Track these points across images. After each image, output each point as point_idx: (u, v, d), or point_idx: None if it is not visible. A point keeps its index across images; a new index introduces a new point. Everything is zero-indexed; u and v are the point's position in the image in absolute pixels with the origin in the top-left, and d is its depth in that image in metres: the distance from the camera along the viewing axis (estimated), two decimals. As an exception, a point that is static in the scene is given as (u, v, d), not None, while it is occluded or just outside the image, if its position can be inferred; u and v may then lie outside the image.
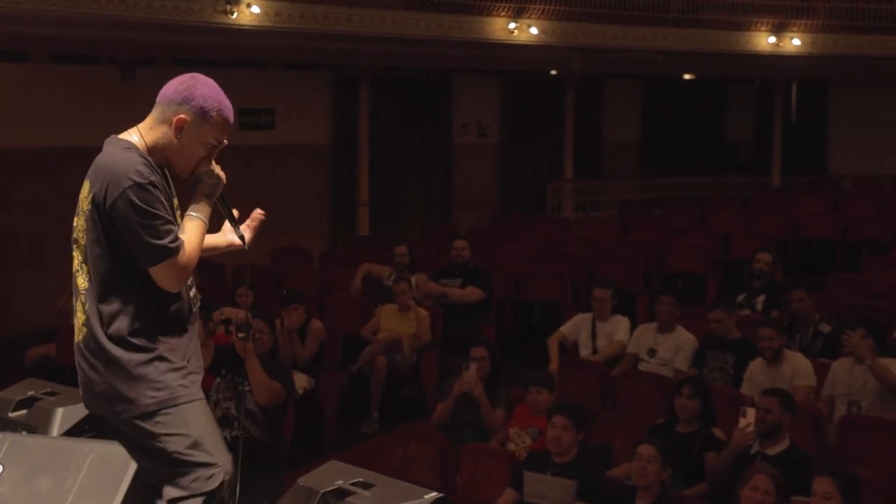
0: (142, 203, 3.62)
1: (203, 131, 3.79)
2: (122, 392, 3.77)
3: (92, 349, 3.80)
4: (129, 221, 3.63)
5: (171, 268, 3.68)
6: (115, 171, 3.66)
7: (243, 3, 12.93)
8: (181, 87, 3.81)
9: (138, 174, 3.64)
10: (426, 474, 7.75)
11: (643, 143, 22.64)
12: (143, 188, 3.63)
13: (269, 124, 17.11)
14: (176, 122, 3.77)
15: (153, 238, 3.63)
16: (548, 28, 16.29)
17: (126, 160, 3.69)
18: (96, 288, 3.76)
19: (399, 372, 11.12)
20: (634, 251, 14.48)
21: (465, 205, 19.34)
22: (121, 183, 3.62)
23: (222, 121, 3.81)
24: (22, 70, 14.41)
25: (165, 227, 3.65)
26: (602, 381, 9.30)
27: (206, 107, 3.78)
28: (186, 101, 3.78)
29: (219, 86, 3.86)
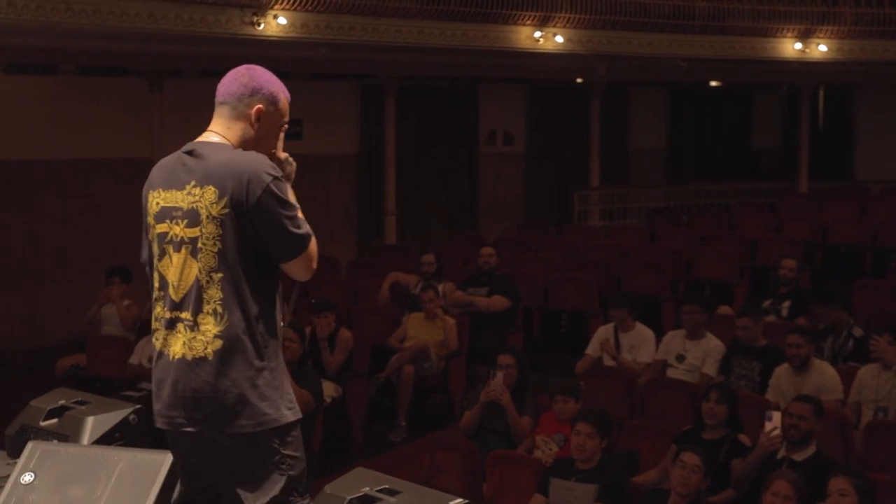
0: (283, 195, 3.65)
1: (276, 116, 3.84)
2: (254, 404, 3.69)
3: (224, 360, 3.68)
4: (273, 214, 3.63)
5: (309, 256, 3.73)
6: (251, 169, 3.65)
7: (270, 15, 12.99)
8: (244, 79, 3.84)
9: (273, 168, 3.69)
10: (453, 482, 7.77)
11: (669, 151, 22.61)
12: (280, 181, 3.67)
13: (297, 134, 17.14)
14: (255, 113, 3.80)
15: (296, 228, 3.66)
16: (573, 36, 16.30)
17: (255, 157, 3.70)
18: (234, 297, 3.67)
19: (426, 380, 11.15)
20: (661, 258, 14.46)
21: (492, 213, 19.36)
22: (262, 179, 3.62)
23: (286, 104, 3.89)
24: (50, 83, 14.53)
25: (299, 218, 3.69)
26: (629, 388, 9.32)
27: (274, 91, 3.84)
28: (257, 92, 3.81)
29: None
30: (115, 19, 11.68)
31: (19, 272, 13.78)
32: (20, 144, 14.07)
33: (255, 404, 3.68)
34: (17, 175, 14.11)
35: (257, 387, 3.69)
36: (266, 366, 3.71)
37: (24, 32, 11.86)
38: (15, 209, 14.02)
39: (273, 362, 3.74)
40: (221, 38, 12.97)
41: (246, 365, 3.68)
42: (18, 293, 13.85)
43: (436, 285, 11.74)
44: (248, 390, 3.68)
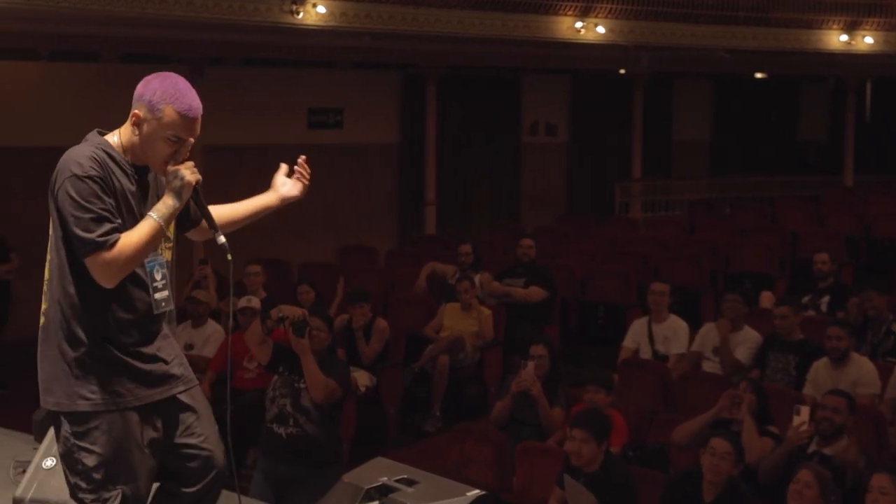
0: (76, 195, 3.64)
1: (155, 126, 3.76)
2: (60, 385, 3.80)
3: (45, 337, 3.85)
4: (63, 212, 3.67)
5: (99, 262, 3.66)
6: (62, 163, 3.71)
7: (309, 3, 13.00)
8: (141, 84, 3.82)
9: (79, 166, 3.66)
10: (483, 472, 7.76)
11: (713, 143, 22.46)
12: (81, 180, 3.65)
13: (338, 124, 17.21)
14: (131, 118, 3.80)
15: (81, 230, 3.64)
16: (615, 27, 16.21)
17: (74, 153, 3.73)
18: (55, 279, 3.81)
19: (462, 370, 11.14)
20: (700, 251, 14.37)
21: (533, 204, 19.31)
22: (62, 174, 3.68)
23: (175, 115, 3.74)
24: (92, 70, 14.62)
25: (97, 221, 3.64)
26: (662, 381, 9.26)
27: (153, 101, 3.75)
28: (140, 98, 3.78)
29: (187, 83, 3.83)
30: (154, 7, 11.73)
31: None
32: (62, 131, 14.05)
33: (58, 385, 3.80)
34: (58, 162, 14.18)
35: (63, 369, 3.78)
36: (76, 351, 3.77)
37: (65, 20, 11.95)
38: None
39: (88, 349, 3.77)
40: (261, 26, 13.00)
41: (56, 346, 3.79)
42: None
43: (472, 276, 11.72)
44: (56, 370, 3.80)
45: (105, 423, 3.78)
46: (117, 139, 3.83)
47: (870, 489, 6.13)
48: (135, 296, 3.82)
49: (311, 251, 15.15)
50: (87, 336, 3.77)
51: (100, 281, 3.70)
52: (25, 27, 12.29)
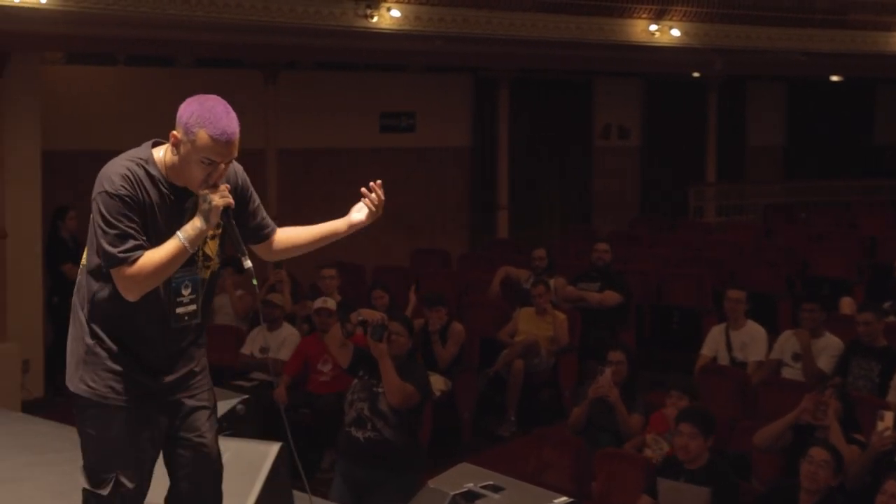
0: (105, 210, 3.76)
1: (189, 148, 3.83)
2: (72, 368, 3.97)
3: (72, 321, 4.00)
4: (93, 224, 3.81)
5: (122, 276, 3.78)
6: (100, 176, 3.84)
7: (383, 7, 12.99)
8: (182, 105, 3.91)
9: (111, 183, 3.79)
10: (561, 478, 7.71)
11: (788, 146, 22.20)
12: (111, 197, 3.76)
13: (410, 127, 17.21)
14: (171, 138, 3.88)
15: (107, 244, 3.76)
16: (690, 30, 16.06)
17: (111, 167, 3.85)
18: (84, 275, 3.96)
19: (536, 375, 11.10)
20: (777, 255, 14.22)
21: (605, 208, 19.20)
22: (97, 188, 3.82)
23: (208, 139, 3.81)
24: (168, 74, 14.71)
25: (121, 238, 3.76)
26: (741, 388, 9.15)
27: (189, 124, 3.82)
28: (179, 120, 3.86)
29: (226, 106, 3.89)
30: (230, 12, 11.77)
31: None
32: (139, 135, 14.16)
33: (71, 367, 3.99)
34: (136, 166, 14.30)
35: (78, 354, 3.96)
36: (89, 341, 3.92)
37: (141, 25, 12.01)
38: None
39: (100, 343, 3.92)
40: (335, 30, 13.01)
41: (77, 331, 3.96)
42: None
43: (547, 280, 11.67)
44: (73, 353, 3.99)
45: (102, 412, 3.94)
46: (162, 154, 3.93)
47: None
48: (151, 307, 3.92)
49: (384, 255, 15.16)
50: (101, 331, 3.92)
51: (123, 293, 3.83)
52: (103, 32, 12.38)
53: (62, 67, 13.89)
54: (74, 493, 5.92)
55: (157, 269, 3.79)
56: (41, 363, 12.10)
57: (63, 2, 10.49)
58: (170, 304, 3.94)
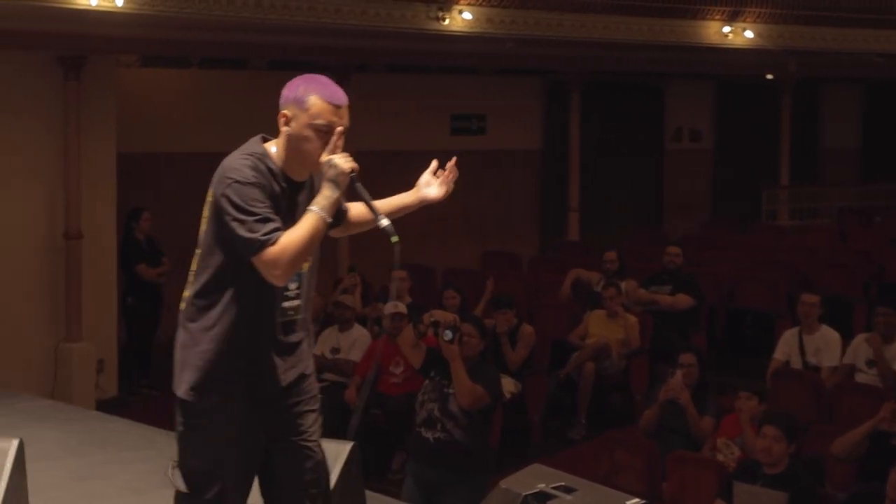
0: (238, 199, 3.73)
1: (303, 119, 3.82)
2: (180, 371, 3.91)
3: (182, 323, 3.97)
4: (226, 216, 3.75)
5: (266, 260, 3.73)
6: (221, 170, 3.83)
7: (455, 10, 13.00)
8: (284, 88, 3.90)
9: (238, 173, 3.77)
10: (633, 481, 7.69)
11: (864, 149, 21.93)
12: (243, 185, 3.75)
13: (481, 129, 17.22)
14: (280, 119, 3.87)
15: (246, 231, 3.72)
16: (763, 31, 15.93)
17: (233, 161, 3.84)
18: (201, 276, 3.92)
19: (607, 378, 11.06)
20: (852, 259, 14.05)
21: (677, 210, 19.09)
22: (222, 182, 3.78)
23: (320, 103, 3.81)
24: (241, 77, 14.84)
25: (261, 222, 3.72)
26: (815, 393, 9.06)
27: (297, 96, 3.83)
28: (286, 99, 3.86)
29: (327, 78, 3.90)
30: (302, 15, 11.84)
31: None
32: (212, 138, 14.36)
33: (180, 373, 3.92)
34: (210, 168, 14.37)
35: (186, 358, 3.91)
36: (199, 344, 3.87)
37: (215, 28, 12.12)
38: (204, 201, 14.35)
39: (212, 345, 3.87)
40: (407, 33, 13.04)
41: (186, 339, 3.92)
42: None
43: (618, 283, 11.62)
44: (182, 357, 3.93)
45: (211, 417, 3.87)
46: (275, 150, 3.91)
47: None
48: (262, 302, 3.89)
49: (454, 257, 15.16)
50: (214, 336, 3.87)
51: (269, 279, 3.77)
52: (177, 35, 12.51)
53: (137, 70, 14.04)
54: (149, 491, 6.02)
55: (302, 246, 3.75)
56: (115, 363, 12.23)
57: (138, 5, 10.60)
58: (276, 298, 3.92)
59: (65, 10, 10.25)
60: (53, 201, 11.73)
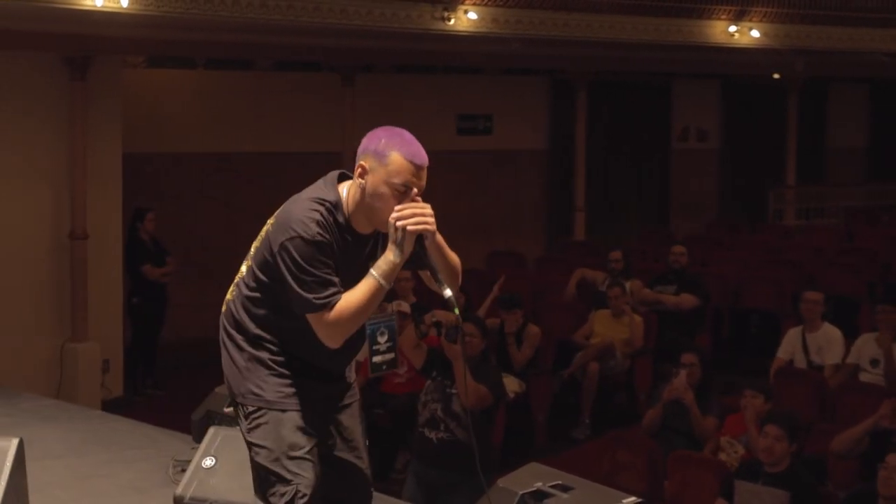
0: (300, 257, 3.67)
1: (380, 174, 3.69)
2: (234, 376, 3.91)
3: (225, 326, 3.97)
4: (285, 270, 3.70)
5: (322, 323, 3.71)
6: (289, 215, 3.75)
7: (461, 10, 13.01)
8: (364, 139, 3.78)
9: (305, 227, 3.68)
10: (635, 480, 7.70)
11: (871, 148, 21.90)
12: (307, 244, 3.67)
13: (487, 130, 17.23)
14: (357, 170, 3.74)
15: (304, 291, 3.68)
16: (770, 31, 15.92)
17: (301, 209, 3.74)
18: (251, 281, 3.90)
19: (611, 378, 11.07)
20: (858, 259, 14.04)
21: (683, 210, 19.09)
22: (286, 231, 3.70)
23: (402, 161, 3.67)
24: (246, 78, 14.87)
25: (321, 284, 3.67)
26: (818, 391, 9.06)
27: (379, 149, 3.69)
28: (365, 150, 3.74)
29: (411, 135, 3.76)
30: (308, 15, 11.85)
31: (215, 263, 14.12)
32: (218, 138, 14.45)
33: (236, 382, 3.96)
34: (215, 168, 14.48)
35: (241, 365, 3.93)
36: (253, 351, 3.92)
37: (221, 29, 12.15)
38: (211, 202, 14.40)
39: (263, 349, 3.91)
40: (412, 33, 13.06)
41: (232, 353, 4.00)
42: (215, 284, 14.14)
43: (623, 282, 11.63)
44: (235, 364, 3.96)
45: (273, 417, 3.83)
46: (346, 194, 3.79)
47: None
48: None
49: (460, 257, 15.10)
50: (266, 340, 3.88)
51: (324, 340, 3.75)
52: (182, 36, 12.54)
53: (143, 71, 14.07)
54: (151, 490, 6.04)
55: (357, 312, 3.70)
56: (120, 363, 12.26)
57: (143, 6, 10.63)
58: None
59: (70, 11, 10.28)
60: (59, 201, 11.76)
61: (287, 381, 3.86)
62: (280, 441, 3.80)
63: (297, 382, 3.87)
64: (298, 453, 3.80)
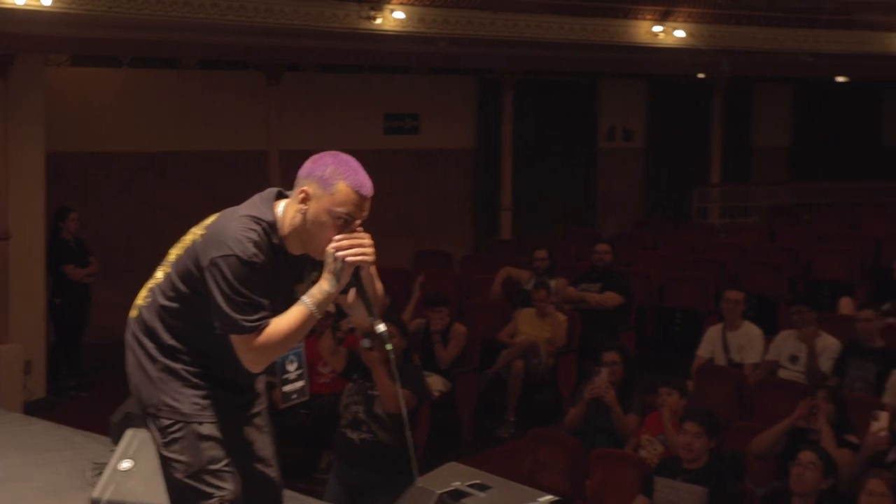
0: (232, 276, 3.56)
1: (324, 203, 3.60)
2: (145, 386, 3.81)
3: (135, 332, 3.87)
4: (212, 285, 3.60)
5: (247, 345, 3.62)
6: (223, 232, 3.63)
7: (387, 9, 13.04)
8: (309, 162, 3.70)
9: (241, 247, 3.57)
10: (556, 479, 7.75)
11: (794, 148, 22.15)
12: (242, 263, 3.56)
13: (414, 129, 17.23)
14: (298, 195, 3.65)
15: (232, 310, 3.57)
16: (695, 31, 16.09)
17: (238, 227, 3.62)
18: (169, 290, 3.79)
19: (536, 376, 11.12)
20: (780, 258, 14.20)
21: (609, 209, 19.20)
22: (220, 247, 3.58)
23: (348, 191, 3.60)
24: (172, 76, 14.77)
25: (251, 307, 3.58)
26: (738, 388, 9.17)
27: (325, 176, 3.61)
28: (310, 175, 3.64)
29: (357, 162, 3.70)
30: (233, 14, 11.84)
31: (140, 264, 14.00)
32: (141, 137, 14.34)
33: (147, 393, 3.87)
34: (139, 167, 14.38)
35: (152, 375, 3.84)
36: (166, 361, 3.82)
37: (145, 27, 12.07)
38: (136, 201, 14.29)
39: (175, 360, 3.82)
40: (338, 32, 13.06)
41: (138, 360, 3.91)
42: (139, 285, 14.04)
43: (548, 282, 11.67)
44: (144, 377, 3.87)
45: (189, 430, 3.76)
46: (281, 215, 3.70)
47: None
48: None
49: (387, 256, 15.06)
50: (179, 351, 3.79)
51: (245, 363, 3.67)
52: (106, 34, 12.43)
53: (66, 69, 13.94)
54: (68, 493, 5.99)
55: (286, 339, 3.62)
56: (43, 364, 12.14)
57: (66, 4, 10.56)
58: None
59: (-10, 9, 10.20)
60: (-20, 202, 11.63)
61: (202, 393, 3.78)
62: (199, 455, 3.73)
63: (211, 394, 3.79)
64: (217, 466, 3.74)
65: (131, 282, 12.84)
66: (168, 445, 3.77)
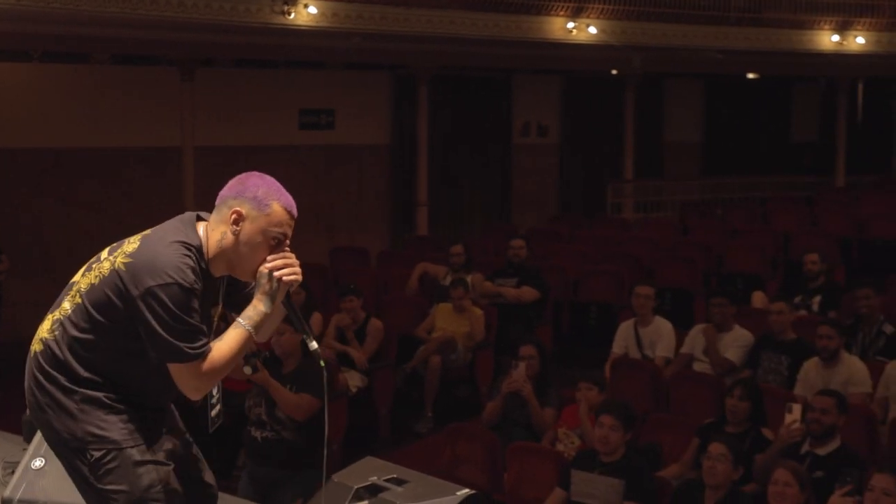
0: (172, 303, 3.47)
1: (260, 223, 3.58)
2: (62, 421, 3.67)
3: (43, 367, 3.72)
4: (148, 315, 3.48)
5: (190, 372, 3.54)
6: (157, 261, 3.51)
7: (300, 4, 12.97)
8: (235, 182, 3.65)
9: (180, 274, 3.48)
10: (474, 473, 7.76)
11: (705, 144, 22.43)
12: (182, 290, 3.48)
13: (329, 124, 17.20)
14: (232, 216, 3.60)
15: (175, 339, 3.48)
16: (607, 27, 16.19)
17: (171, 255, 3.52)
18: (83, 322, 3.65)
19: (453, 371, 11.13)
20: (693, 252, 14.36)
21: (525, 205, 19.30)
22: (157, 275, 3.48)
23: (282, 211, 3.60)
24: (83, 71, 14.60)
25: (195, 333, 3.51)
26: (653, 381, 9.25)
27: (259, 196, 3.59)
28: (240, 195, 3.60)
29: (278, 183, 3.68)
30: (144, 7, 11.71)
31: (53, 260, 13.84)
32: (53, 133, 14.16)
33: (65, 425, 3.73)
34: (51, 163, 14.20)
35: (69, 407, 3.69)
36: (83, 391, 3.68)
37: (56, 21, 11.92)
38: (48, 198, 14.10)
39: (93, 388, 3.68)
40: (252, 27, 12.99)
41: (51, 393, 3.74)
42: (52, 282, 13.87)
43: (464, 277, 11.70)
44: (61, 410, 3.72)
45: (124, 462, 3.65)
46: (204, 238, 3.63)
47: (871, 489, 6.11)
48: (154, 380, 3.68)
49: (303, 252, 14.98)
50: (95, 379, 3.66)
51: (184, 390, 3.59)
52: (16, 28, 12.27)
53: (-26, 64, 13.75)
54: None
55: (228, 362, 3.57)
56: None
57: (-27, -2, 10.37)
58: None
59: None
60: None
61: (127, 417, 3.67)
62: (137, 482, 3.64)
63: (137, 416, 3.69)
64: (158, 489, 3.66)
65: (44, 279, 12.76)
66: (102, 478, 3.65)
